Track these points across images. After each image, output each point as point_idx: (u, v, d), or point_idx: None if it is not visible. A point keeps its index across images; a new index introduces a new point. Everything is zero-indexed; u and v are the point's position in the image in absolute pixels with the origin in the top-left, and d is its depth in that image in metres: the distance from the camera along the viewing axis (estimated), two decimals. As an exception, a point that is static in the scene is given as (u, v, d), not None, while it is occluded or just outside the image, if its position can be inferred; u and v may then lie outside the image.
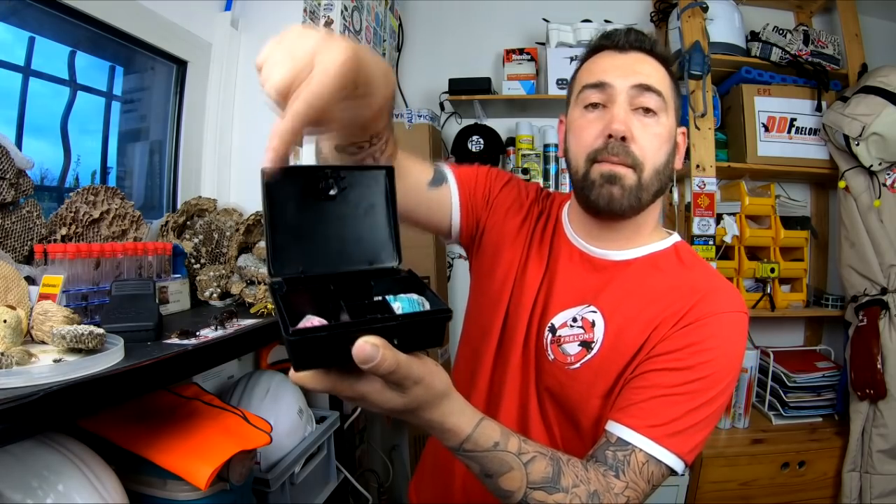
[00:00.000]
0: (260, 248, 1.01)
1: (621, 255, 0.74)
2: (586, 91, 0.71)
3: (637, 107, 0.69)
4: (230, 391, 1.04)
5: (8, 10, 0.92)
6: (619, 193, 0.68)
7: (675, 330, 0.65)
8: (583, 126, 0.71)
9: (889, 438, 1.65)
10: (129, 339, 0.66)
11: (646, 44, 0.72)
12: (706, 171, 1.85)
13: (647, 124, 0.69)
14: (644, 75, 0.69)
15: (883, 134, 1.65)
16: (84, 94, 1.10)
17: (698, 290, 0.67)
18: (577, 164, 0.72)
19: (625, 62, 0.71)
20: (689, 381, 0.62)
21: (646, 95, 0.68)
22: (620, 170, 0.68)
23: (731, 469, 1.74)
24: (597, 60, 0.73)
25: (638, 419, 0.61)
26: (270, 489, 0.92)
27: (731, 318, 0.66)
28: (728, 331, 0.65)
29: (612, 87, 0.69)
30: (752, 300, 1.95)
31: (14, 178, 0.77)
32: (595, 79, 0.70)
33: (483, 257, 0.83)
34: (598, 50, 0.74)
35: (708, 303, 0.66)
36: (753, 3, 2.16)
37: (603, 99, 0.70)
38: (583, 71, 0.75)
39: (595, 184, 0.69)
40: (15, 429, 0.46)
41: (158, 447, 0.71)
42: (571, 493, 0.55)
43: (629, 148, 0.68)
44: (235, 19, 1.37)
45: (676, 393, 0.62)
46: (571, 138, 0.74)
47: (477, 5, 2.28)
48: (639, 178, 0.68)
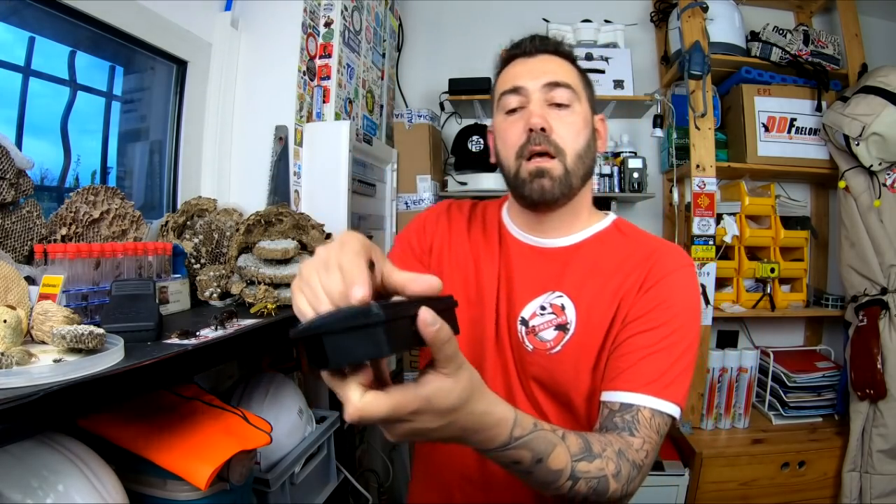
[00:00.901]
0: (260, 248, 1.01)
1: (568, 240, 0.80)
2: (504, 98, 0.78)
3: (551, 102, 0.76)
4: (230, 391, 1.04)
5: (8, 10, 0.92)
6: (549, 185, 0.75)
7: (641, 295, 0.72)
8: (506, 128, 0.78)
9: (889, 438, 1.65)
10: (129, 339, 0.66)
11: (550, 46, 0.80)
12: (706, 171, 1.85)
13: (562, 116, 0.76)
14: (552, 73, 0.77)
15: (883, 134, 1.65)
16: (84, 94, 1.10)
17: (649, 257, 0.75)
18: (508, 164, 0.78)
19: (533, 65, 0.78)
20: (665, 337, 0.69)
21: (557, 91, 0.76)
22: (546, 163, 0.75)
23: (731, 469, 1.74)
24: (509, 69, 0.81)
25: (633, 382, 0.66)
26: (270, 489, 0.92)
27: (683, 273, 0.74)
28: (683, 284, 0.73)
29: (526, 89, 0.76)
30: (753, 300, 1.95)
31: (14, 178, 0.77)
32: (510, 85, 0.78)
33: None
34: (509, 60, 0.82)
35: (660, 265, 0.74)
36: (753, 3, 2.16)
37: (520, 101, 0.77)
38: (499, 81, 0.82)
39: (526, 180, 0.75)
40: (15, 429, 0.46)
41: (158, 447, 0.71)
42: (605, 458, 0.58)
43: (550, 137, 0.75)
44: (235, 19, 1.37)
45: (658, 350, 0.68)
46: (499, 142, 0.81)
47: (477, 5, 2.28)
48: (564, 165, 0.75)
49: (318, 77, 1.45)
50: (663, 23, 2.17)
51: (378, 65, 1.87)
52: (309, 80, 1.40)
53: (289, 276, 1.01)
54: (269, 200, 1.29)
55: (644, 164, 2.00)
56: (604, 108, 2.14)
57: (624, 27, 2.09)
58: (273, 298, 0.96)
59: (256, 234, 1.07)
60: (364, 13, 1.68)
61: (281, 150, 1.30)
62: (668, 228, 2.22)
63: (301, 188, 1.37)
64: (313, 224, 1.13)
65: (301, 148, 1.37)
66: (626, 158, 2.01)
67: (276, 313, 0.94)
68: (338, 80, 1.49)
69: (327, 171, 1.36)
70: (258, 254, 1.01)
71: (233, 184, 1.36)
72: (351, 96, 1.61)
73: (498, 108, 0.81)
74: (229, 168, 1.36)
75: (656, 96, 1.97)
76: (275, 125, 1.32)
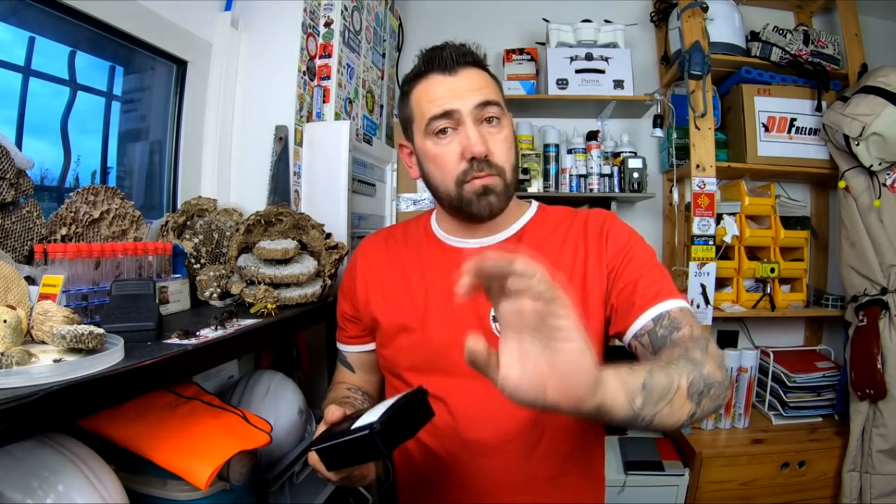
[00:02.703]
0: (260, 248, 1.01)
1: (506, 233, 0.84)
2: (433, 122, 0.77)
3: (482, 119, 0.77)
4: (230, 391, 1.04)
5: (8, 10, 0.92)
6: (495, 200, 0.78)
7: (604, 246, 0.79)
8: (440, 154, 0.78)
9: (889, 438, 1.65)
10: (129, 339, 0.66)
11: (469, 57, 0.79)
12: (706, 171, 1.85)
13: (493, 133, 0.77)
14: (479, 92, 0.77)
15: (883, 134, 1.65)
16: (84, 94, 1.10)
17: (585, 221, 0.83)
18: (446, 189, 0.80)
19: (459, 84, 0.77)
20: (644, 261, 0.78)
21: (487, 109, 0.77)
22: (489, 181, 0.77)
23: (731, 469, 1.74)
24: (429, 87, 0.78)
25: (647, 300, 0.73)
26: (270, 489, 0.92)
27: (615, 218, 0.85)
28: (621, 224, 0.84)
29: (458, 112, 0.76)
30: (753, 300, 1.96)
31: (14, 178, 0.77)
32: (439, 109, 0.76)
33: (388, 327, 0.87)
34: (425, 73, 0.80)
35: (597, 221, 0.83)
36: (753, 3, 2.17)
37: (451, 124, 0.77)
38: (419, 101, 0.80)
39: (472, 201, 0.78)
40: (15, 429, 0.46)
41: (158, 447, 0.70)
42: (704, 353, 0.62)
43: (491, 161, 0.76)
44: (235, 19, 1.37)
45: (645, 273, 0.77)
46: (431, 167, 0.81)
47: (477, 5, 2.28)
48: (504, 181, 0.78)
49: (318, 77, 1.45)
50: (663, 23, 2.17)
51: (378, 65, 1.87)
52: (309, 80, 1.40)
53: (289, 275, 1.01)
54: (269, 200, 1.29)
55: (644, 164, 2.00)
56: (604, 107, 2.14)
57: (624, 27, 2.09)
58: (273, 298, 0.96)
59: (256, 234, 1.07)
60: (364, 13, 1.68)
61: (281, 150, 1.30)
62: (668, 228, 2.22)
63: (301, 188, 1.37)
64: (313, 224, 1.13)
65: (301, 148, 1.37)
66: (626, 158, 2.01)
67: (276, 313, 0.94)
68: (338, 80, 1.49)
69: (327, 171, 1.36)
70: (258, 254, 1.01)
71: (233, 184, 1.36)
72: (351, 96, 1.61)
73: (425, 131, 0.79)
74: (229, 168, 1.36)
75: (656, 96, 1.97)
76: (275, 125, 1.32)
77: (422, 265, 0.86)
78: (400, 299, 0.85)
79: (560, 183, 2.07)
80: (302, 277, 1.02)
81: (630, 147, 2.11)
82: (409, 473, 0.85)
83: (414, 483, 0.85)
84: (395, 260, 0.89)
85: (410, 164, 0.88)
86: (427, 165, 0.82)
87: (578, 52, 2.05)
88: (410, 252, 0.88)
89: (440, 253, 0.86)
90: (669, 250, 2.19)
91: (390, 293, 0.86)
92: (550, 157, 2.08)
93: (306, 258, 1.08)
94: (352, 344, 0.96)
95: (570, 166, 2.07)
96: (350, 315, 0.93)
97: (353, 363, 0.97)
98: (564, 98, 2.03)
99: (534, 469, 0.77)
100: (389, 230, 0.96)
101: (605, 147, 2.09)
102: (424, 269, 0.85)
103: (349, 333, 0.95)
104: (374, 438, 0.56)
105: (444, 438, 0.79)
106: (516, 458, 0.77)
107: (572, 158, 2.07)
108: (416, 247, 0.89)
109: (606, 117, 2.21)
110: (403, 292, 0.85)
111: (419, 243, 0.89)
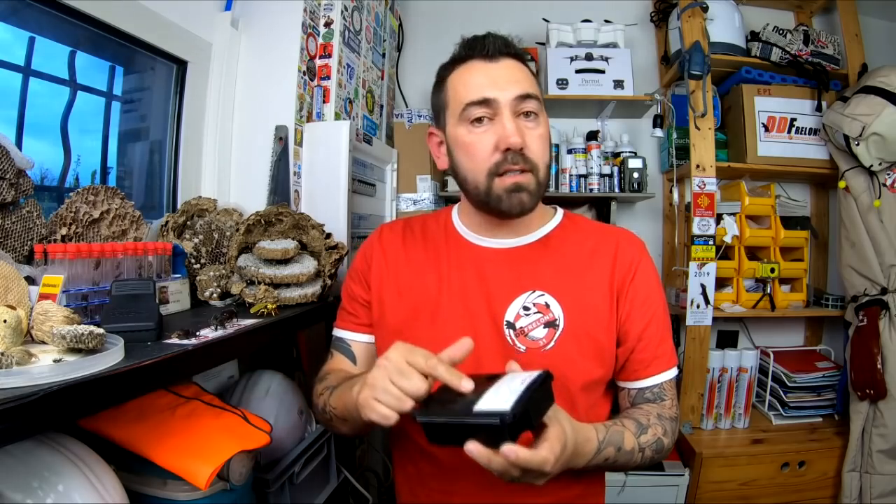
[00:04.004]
0: (260, 248, 1.01)
1: (530, 238, 0.82)
2: (470, 108, 0.74)
3: (519, 112, 0.74)
4: (230, 391, 1.04)
5: (8, 10, 0.92)
6: (527, 198, 0.75)
7: (631, 285, 0.79)
8: (473, 142, 0.75)
9: (889, 438, 1.65)
10: (129, 339, 0.66)
11: (511, 48, 0.77)
12: (706, 171, 1.85)
13: (531, 128, 0.75)
14: (520, 84, 0.74)
15: (883, 134, 1.65)
16: (84, 94, 1.10)
17: (616, 245, 0.81)
18: (475, 181, 0.76)
19: (499, 73, 0.75)
20: (662, 320, 0.81)
21: (526, 102, 0.74)
22: (522, 179, 0.74)
23: (731, 469, 1.74)
24: (470, 73, 0.76)
25: (657, 368, 0.79)
26: (270, 489, 0.92)
27: (648, 258, 0.83)
28: (652, 267, 0.83)
29: (497, 102, 0.73)
30: (753, 300, 1.96)
31: (14, 178, 0.77)
32: (477, 95, 0.73)
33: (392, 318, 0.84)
34: (465, 59, 0.77)
35: (627, 252, 0.81)
36: (753, 3, 2.17)
37: (488, 113, 0.74)
38: (457, 85, 0.77)
39: (502, 197, 0.74)
40: (15, 429, 0.46)
41: (158, 447, 0.71)
42: (653, 426, 0.74)
43: (526, 155, 0.73)
44: (235, 19, 1.37)
45: (661, 334, 0.80)
46: (462, 156, 0.77)
47: (477, 5, 2.28)
48: (537, 179, 0.75)
49: (318, 77, 1.45)
50: (663, 23, 2.17)
51: (378, 65, 1.87)
52: (309, 80, 1.40)
53: (289, 275, 1.01)
54: (269, 200, 1.29)
55: (644, 164, 2.00)
56: (604, 107, 2.14)
57: (624, 27, 2.09)
58: (273, 298, 0.96)
59: (256, 234, 1.07)
60: (364, 13, 1.68)
61: (281, 150, 1.30)
62: (668, 228, 2.22)
63: (301, 188, 1.37)
64: (313, 224, 1.13)
65: (301, 148, 1.37)
66: (626, 158, 2.01)
67: (276, 313, 0.94)
68: (338, 80, 1.49)
69: (327, 171, 1.36)
70: (258, 254, 1.01)
71: (233, 184, 1.36)
72: (351, 96, 1.61)
73: (460, 118, 0.76)
74: (229, 168, 1.36)
75: (656, 96, 1.97)
76: (275, 125, 1.32)
77: (438, 261, 0.83)
78: (413, 295, 0.82)
79: (560, 183, 2.07)
80: (302, 277, 1.02)
81: (630, 147, 2.11)
82: (409, 473, 0.85)
83: (413, 483, 0.84)
84: (411, 255, 0.85)
85: (439, 153, 0.83)
86: (458, 154, 0.77)
87: (578, 52, 2.05)
88: (427, 248, 0.85)
89: (459, 249, 0.83)
90: (669, 250, 2.19)
91: (404, 288, 0.83)
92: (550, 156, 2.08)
93: (306, 258, 1.08)
94: (360, 332, 0.87)
95: (570, 166, 2.07)
96: (363, 300, 0.87)
97: (357, 354, 0.87)
98: (564, 98, 2.03)
99: None
100: (407, 222, 0.91)
101: (605, 147, 2.09)
102: (440, 264, 0.82)
103: (360, 320, 0.87)
104: (504, 429, 0.50)
105: None
106: None
107: (572, 158, 2.07)
108: (433, 243, 0.85)
109: (606, 117, 2.21)
110: (417, 288, 0.82)
111: (437, 239, 0.86)
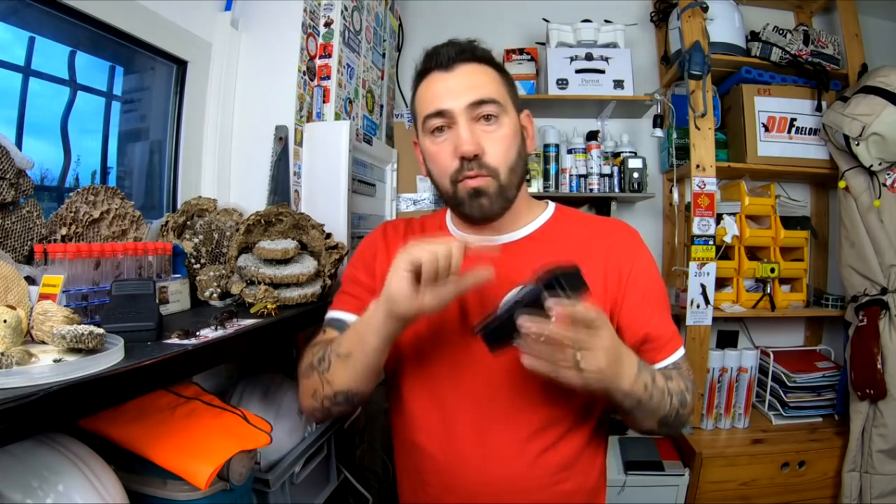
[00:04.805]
0: (260, 248, 1.01)
1: (519, 234, 0.83)
2: (429, 120, 0.77)
3: (478, 117, 0.76)
4: (230, 391, 1.04)
5: (8, 10, 0.92)
6: (487, 203, 0.77)
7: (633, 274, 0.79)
8: (436, 152, 0.78)
9: (889, 438, 1.65)
10: (129, 339, 0.66)
11: (467, 53, 0.78)
12: (706, 171, 1.85)
13: (489, 132, 0.76)
14: (475, 90, 0.75)
15: (883, 134, 1.65)
16: (84, 94, 1.10)
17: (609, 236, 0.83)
18: (444, 187, 0.80)
19: (454, 83, 0.76)
20: (664, 305, 0.82)
21: (483, 107, 0.75)
22: (481, 183, 0.76)
23: (731, 469, 1.74)
24: (429, 85, 0.78)
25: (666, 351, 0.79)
26: (270, 489, 0.92)
27: (643, 247, 0.84)
28: (647, 256, 0.83)
29: (451, 112, 0.75)
30: (753, 300, 1.96)
31: (14, 178, 0.77)
32: (432, 108, 0.76)
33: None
34: (426, 73, 0.79)
35: (624, 245, 0.82)
36: (753, 3, 2.17)
37: (445, 122, 0.76)
38: (419, 99, 0.80)
39: (465, 201, 0.77)
40: (15, 429, 0.46)
41: (158, 447, 0.71)
42: (675, 378, 0.75)
43: (482, 161, 0.75)
44: (235, 19, 1.37)
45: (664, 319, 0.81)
46: (430, 164, 0.81)
47: (477, 5, 2.28)
48: (499, 182, 0.76)
49: (318, 77, 1.45)
50: (663, 23, 2.17)
51: (378, 65, 1.87)
52: (309, 80, 1.40)
53: (289, 276, 1.01)
54: (269, 200, 1.29)
55: (644, 164, 2.00)
56: (604, 107, 2.14)
57: (624, 27, 2.09)
58: (273, 298, 0.96)
59: (256, 234, 1.07)
60: (364, 13, 1.68)
61: (281, 150, 1.30)
62: (668, 228, 2.22)
63: (301, 188, 1.37)
64: (313, 224, 1.13)
65: (301, 148, 1.37)
66: (626, 158, 2.01)
67: (276, 313, 0.94)
68: (338, 80, 1.49)
69: (327, 171, 1.36)
70: (258, 254, 1.01)
71: (233, 184, 1.36)
72: (351, 96, 1.61)
73: (422, 129, 0.79)
74: (229, 168, 1.36)
75: (656, 96, 1.97)
76: (275, 125, 1.32)
77: None
78: None
79: (560, 183, 2.07)
80: (302, 277, 1.02)
81: (630, 147, 2.11)
82: (410, 473, 0.85)
83: (415, 482, 0.84)
84: None
85: (420, 161, 0.87)
86: (428, 163, 0.82)
87: (578, 52, 2.05)
88: None
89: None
90: (669, 250, 2.19)
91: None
92: (550, 156, 2.08)
93: (306, 258, 1.08)
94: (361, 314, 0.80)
95: (570, 166, 2.07)
96: (368, 285, 0.85)
97: None
98: (564, 98, 2.03)
99: (535, 471, 0.77)
100: (408, 222, 0.93)
101: (605, 147, 2.09)
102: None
103: (362, 303, 0.81)
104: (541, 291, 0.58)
105: (445, 438, 0.79)
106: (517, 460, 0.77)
107: (572, 158, 2.07)
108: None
109: (606, 117, 2.21)
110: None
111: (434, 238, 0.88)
